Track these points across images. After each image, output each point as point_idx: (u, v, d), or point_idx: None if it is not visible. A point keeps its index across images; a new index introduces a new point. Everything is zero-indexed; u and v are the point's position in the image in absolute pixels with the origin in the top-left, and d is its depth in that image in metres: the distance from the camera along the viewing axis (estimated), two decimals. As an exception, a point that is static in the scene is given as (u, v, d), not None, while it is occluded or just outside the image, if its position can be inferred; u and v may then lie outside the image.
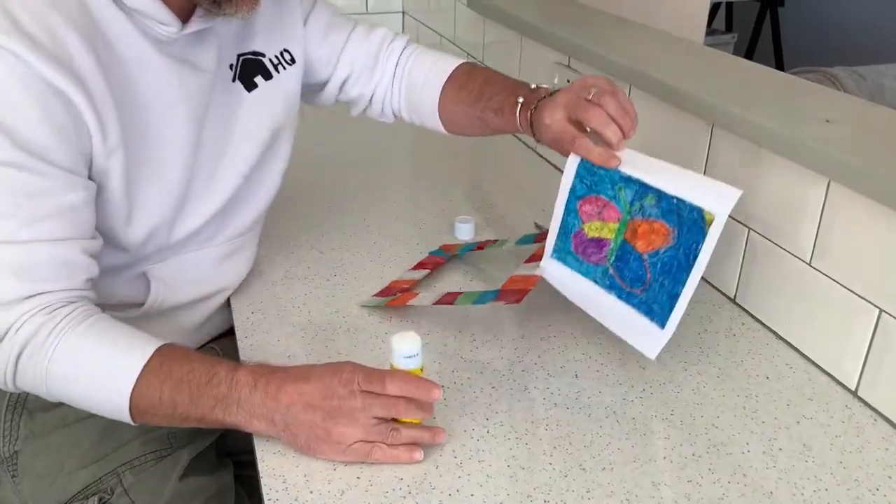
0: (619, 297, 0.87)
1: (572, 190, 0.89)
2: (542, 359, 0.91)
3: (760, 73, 1.17)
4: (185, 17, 0.85)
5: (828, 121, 0.93)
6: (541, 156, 1.54)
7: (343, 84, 1.10)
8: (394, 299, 0.98)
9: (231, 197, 0.96)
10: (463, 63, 1.08)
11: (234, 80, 0.95)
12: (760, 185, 0.97)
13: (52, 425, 0.94)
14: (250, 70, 0.97)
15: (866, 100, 2.41)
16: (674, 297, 0.82)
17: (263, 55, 0.99)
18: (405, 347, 0.72)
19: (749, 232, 0.99)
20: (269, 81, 0.99)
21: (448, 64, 1.08)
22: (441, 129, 1.09)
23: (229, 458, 1.04)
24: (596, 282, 0.90)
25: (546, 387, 0.86)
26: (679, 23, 2.93)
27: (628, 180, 0.85)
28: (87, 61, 0.76)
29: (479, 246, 1.12)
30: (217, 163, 0.93)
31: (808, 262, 0.91)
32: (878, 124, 0.95)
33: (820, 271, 0.89)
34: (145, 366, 0.74)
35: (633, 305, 0.86)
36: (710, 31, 4.02)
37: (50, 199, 0.75)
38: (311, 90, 1.11)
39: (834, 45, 5.02)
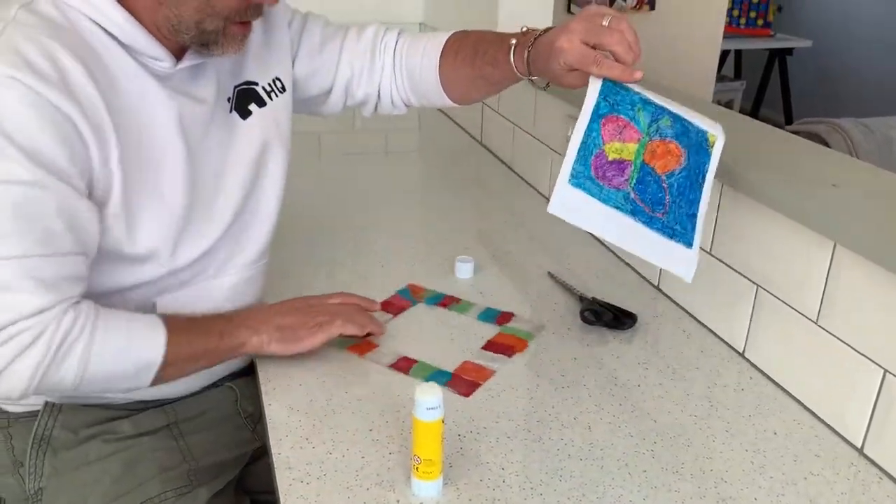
0: (644, 222, 0.89)
1: (595, 108, 0.89)
2: (556, 409, 0.94)
3: (769, 134, 1.21)
4: (179, 54, 0.92)
5: (834, 185, 0.96)
6: (547, 199, 1.58)
7: (347, 87, 1.15)
8: (354, 345, 1.04)
9: (231, 223, 1.00)
10: (454, 32, 1.12)
11: (230, 111, 1.01)
12: (769, 244, 1.00)
13: (76, 463, 0.97)
14: (245, 99, 1.02)
15: (874, 151, 2.46)
16: (692, 217, 0.91)
17: (256, 83, 1.04)
18: (428, 399, 0.75)
19: (757, 289, 1.03)
20: (263, 108, 1.04)
21: (440, 39, 1.12)
22: (448, 102, 1.13)
23: (248, 496, 1.06)
24: (618, 208, 0.89)
25: (560, 437, 0.89)
26: (689, 79, 2.99)
27: (646, 102, 0.91)
28: (89, 90, 0.82)
29: (444, 302, 1.16)
30: (216, 190, 0.98)
31: (814, 320, 0.94)
32: (884, 189, 0.99)
33: (826, 330, 0.92)
34: (166, 327, 0.89)
35: (658, 230, 0.90)
36: (720, 77, 4.10)
37: (65, 216, 0.81)
38: (317, 101, 1.16)
39: (842, 95, 5.09)
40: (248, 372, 1.11)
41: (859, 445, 0.89)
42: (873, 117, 2.62)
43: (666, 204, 0.90)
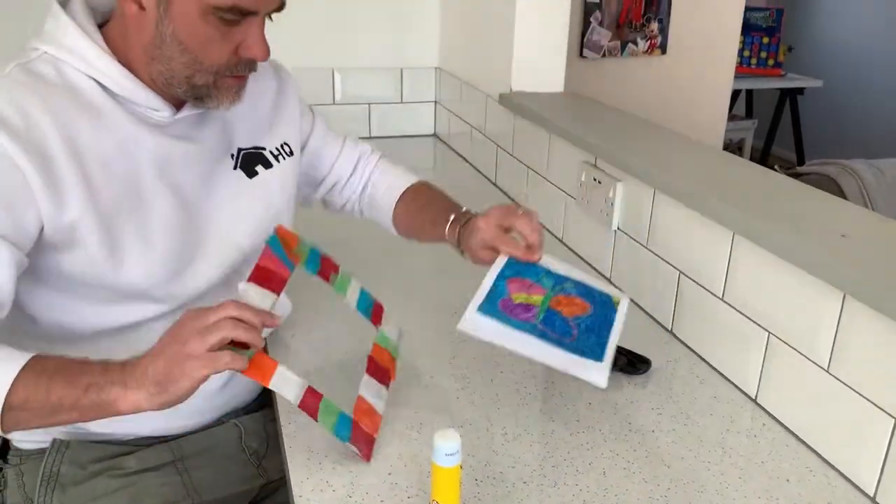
0: (552, 342, 0.94)
1: (501, 273, 1.02)
2: (570, 454, 0.95)
3: (778, 182, 1.24)
4: (179, 104, 0.97)
5: (843, 235, 0.99)
6: (561, 241, 1.60)
7: (332, 188, 1.26)
8: (250, 365, 0.82)
9: (232, 271, 1.04)
10: (418, 182, 1.26)
11: (234, 168, 1.05)
12: (780, 292, 1.02)
13: (84, 499, 1.00)
14: (251, 160, 1.07)
15: (886, 193, 2.47)
16: (602, 341, 0.96)
17: (264, 148, 1.09)
18: (447, 445, 0.77)
19: (769, 336, 1.04)
20: (270, 170, 1.09)
21: (402, 182, 1.26)
22: (394, 231, 1.27)
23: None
24: (526, 331, 0.94)
25: (575, 483, 0.90)
26: (701, 119, 3.03)
27: (549, 273, 1.04)
28: (57, 147, 0.86)
29: (323, 266, 1.01)
30: (214, 238, 1.02)
31: (825, 368, 0.95)
32: (893, 240, 1.01)
33: (837, 378, 0.94)
34: (22, 367, 0.78)
35: (566, 348, 0.94)
36: (731, 116, 4.14)
37: None
38: (303, 191, 1.24)
39: (853, 134, 5.12)
40: (254, 408, 1.14)
41: (871, 494, 0.90)
42: (885, 158, 2.64)
43: (574, 335, 0.96)
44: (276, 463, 1.08)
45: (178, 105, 0.97)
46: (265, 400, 1.17)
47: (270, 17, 0.94)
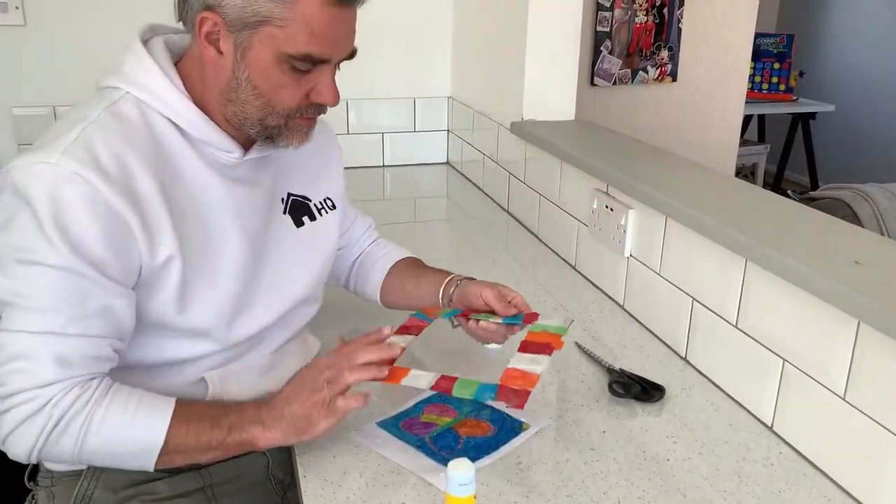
0: (427, 454, 0.99)
1: (426, 399, 1.10)
2: (585, 483, 0.95)
3: (790, 208, 1.24)
4: (247, 145, 1.01)
5: (857, 262, 0.99)
6: (574, 268, 1.61)
7: (338, 250, 1.26)
8: (387, 377, 0.96)
9: (279, 317, 1.07)
10: (410, 256, 1.30)
11: (284, 213, 1.09)
12: (794, 319, 1.02)
13: None
14: (298, 210, 1.12)
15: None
16: (481, 454, 0.99)
17: (310, 200, 1.14)
18: (460, 475, 0.77)
19: (784, 363, 1.04)
20: (314, 223, 1.13)
21: (400, 253, 1.29)
22: (377, 299, 1.28)
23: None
24: (407, 443, 1.02)
25: (590, 512, 0.90)
26: (713, 145, 3.03)
27: (475, 403, 1.09)
28: (149, 189, 0.90)
29: (464, 313, 1.11)
30: (271, 282, 1.05)
31: (842, 396, 0.95)
32: (905, 265, 1.01)
33: (853, 406, 0.93)
34: (173, 414, 0.90)
35: (427, 454, 0.99)
36: (744, 141, 4.14)
37: (97, 302, 0.88)
38: None
39: (865, 158, 5.10)
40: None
41: (891, 523, 0.89)
42: (898, 182, 2.63)
43: (456, 449, 1.00)
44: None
45: (245, 146, 1.01)
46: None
47: (338, 67, 0.97)
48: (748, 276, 1.10)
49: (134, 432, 0.89)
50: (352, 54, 0.97)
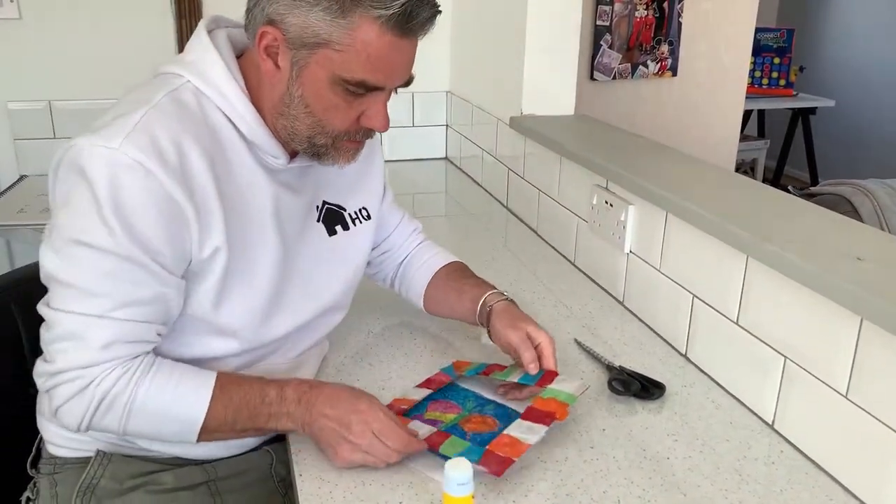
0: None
1: (429, 396, 1.09)
2: (585, 482, 0.94)
3: (791, 204, 1.23)
4: (293, 153, 1.01)
5: (859, 258, 0.97)
6: (573, 264, 1.60)
7: (381, 255, 1.28)
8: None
9: (304, 323, 1.08)
10: (455, 261, 1.29)
11: (318, 221, 1.09)
12: (796, 316, 1.01)
13: None
14: (332, 218, 1.11)
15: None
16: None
17: (344, 209, 1.13)
18: (458, 475, 0.76)
19: (785, 361, 1.03)
20: (347, 232, 1.13)
21: (444, 259, 1.28)
22: (420, 305, 1.28)
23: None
24: None
25: (589, 512, 0.89)
26: (713, 140, 3.02)
27: (478, 397, 1.10)
28: (205, 179, 0.91)
29: (486, 371, 1.13)
30: (301, 288, 1.06)
31: (844, 394, 0.94)
32: (909, 261, 0.99)
33: (856, 404, 0.92)
34: (211, 397, 0.92)
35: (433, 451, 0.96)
36: (743, 137, 4.13)
37: (148, 290, 0.89)
38: None
39: (865, 153, 5.09)
40: (285, 436, 1.13)
41: (894, 523, 0.88)
42: (898, 178, 2.62)
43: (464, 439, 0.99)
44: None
45: (292, 154, 1.01)
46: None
47: (396, 91, 0.97)
48: (749, 273, 1.09)
49: (174, 411, 0.92)
50: (408, 81, 0.97)
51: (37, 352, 1.04)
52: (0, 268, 1.68)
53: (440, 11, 0.92)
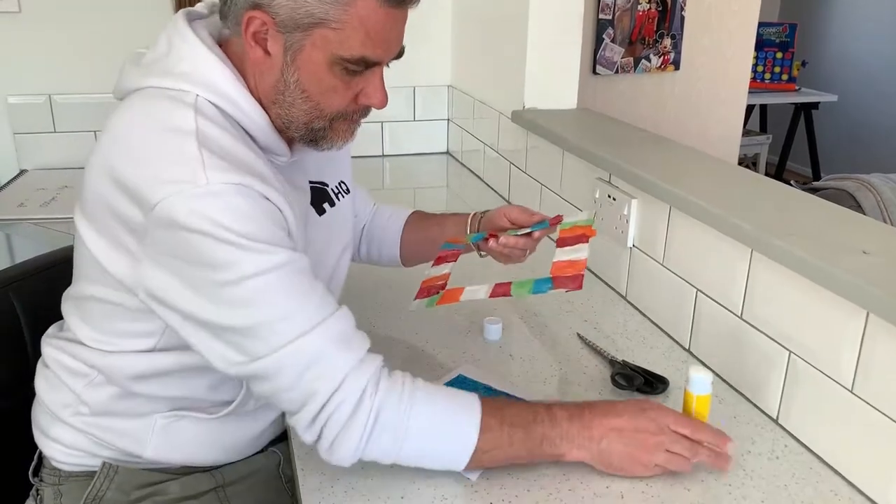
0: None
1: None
2: (587, 477, 0.93)
3: (796, 198, 1.22)
4: (290, 146, 0.97)
5: (865, 252, 0.97)
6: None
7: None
8: (441, 297, 1.02)
9: None
10: (414, 210, 1.30)
11: (308, 203, 1.06)
12: (801, 310, 1.00)
13: None
14: (319, 197, 1.08)
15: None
16: None
17: (327, 185, 1.11)
18: (701, 376, 0.93)
19: (790, 355, 1.02)
20: (334, 208, 1.10)
21: (406, 210, 1.29)
22: (397, 259, 1.27)
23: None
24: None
25: (593, 507, 0.88)
26: (715, 135, 3.01)
27: (489, 390, 1.09)
28: (274, 184, 0.87)
29: (491, 234, 1.11)
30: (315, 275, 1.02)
31: (849, 388, 0.93)
32: (915, 255, 0.99)
33: (862, 399, 0.91)
34: (482, 414, 0.87)
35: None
36: (746, 131, 4.11)
37: (314, 280, 0.86)
38: None
39: (868, 148, 5.08)
40: (283, 438, 1.13)
41: (900, 518, 0.87)
42: (902, 173, 2.61)
43: None
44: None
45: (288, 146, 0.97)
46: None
47: (388, 65, 0.94)
48: (754, 267, 1.08)
49: (448, 431, 0.87)
50: (400, 53, 0.94)
51: (37, 347, 1.03)
52: (0, 263, 1.68)
53: None
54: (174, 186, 0.79)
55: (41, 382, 1.01)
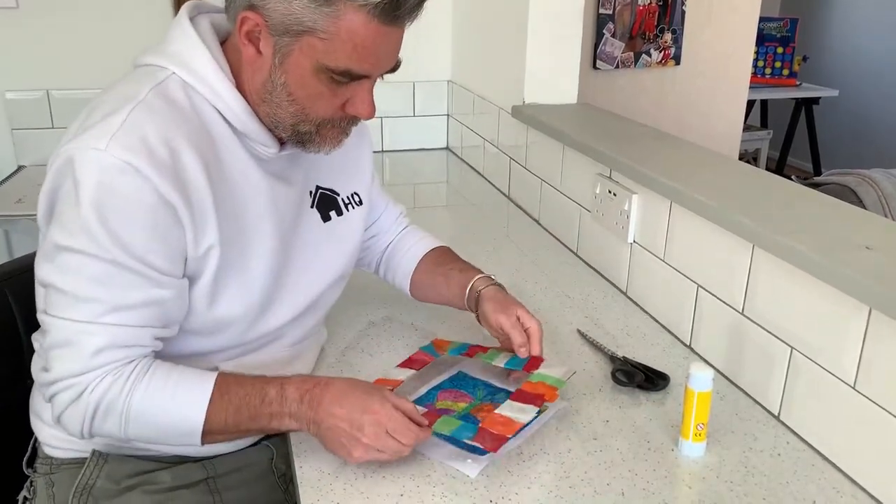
0: (445, 439, 0.95)
1: (438, 385, 1.09)
2: (588, 474, 0.93)
3: (797, 193, 1.21)
4: (282, 141, 0.98)
5: (867, 247, 0.96)
6: (576, 254, 1.58)
7: (369, 238, 1.26)
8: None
9: (299, 314, 1.06)
10: (440, 246, 1.28)
11: (311, 207, 1.07)
12: (802, 306, 0.99)
13: None
14: (326, 204, 1.09)
15: (904, 203, 2.42)
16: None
17: (338, 194, 1.11)
18: (702, 374, 0.94)
19: (792, 351, 1.02)
20: (341, 217, 1.11)
21: (429, 243, 1.27)
22: (406, 289, 1.26)
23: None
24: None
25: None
26: (716, 130, 3.00)
27: (487, 386, 1.09)
28: (197, 176, 0.88)
29: (469, 352, 1.13)
30: (297, 278, 1.04)
31: (852, 384, 0.92)
32: (918, 251, 0.98)
33: (864, 395, 0.91)
34: (209, 401, 0.89)
35: (458, 445, 0.94)
36: (746, 127, 4.10)
37: (140, 293, 0.87)
38: None
39: (869, 144, 5.07)
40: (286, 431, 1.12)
41: (902, 515, 0.87)
42: (904, 168, 2.60)
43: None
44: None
45: (281, 142, 0.98)
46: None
47: (383, 77, 0.94)
48: (755, 263, 1.08)
49: (173, 416, 0.89)
50: (395, 68, 0.94)
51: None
52: (-2, 258, 1.67)
53: None
54: (81, 140, 0.84)
55: (36, 367, 1.01)
